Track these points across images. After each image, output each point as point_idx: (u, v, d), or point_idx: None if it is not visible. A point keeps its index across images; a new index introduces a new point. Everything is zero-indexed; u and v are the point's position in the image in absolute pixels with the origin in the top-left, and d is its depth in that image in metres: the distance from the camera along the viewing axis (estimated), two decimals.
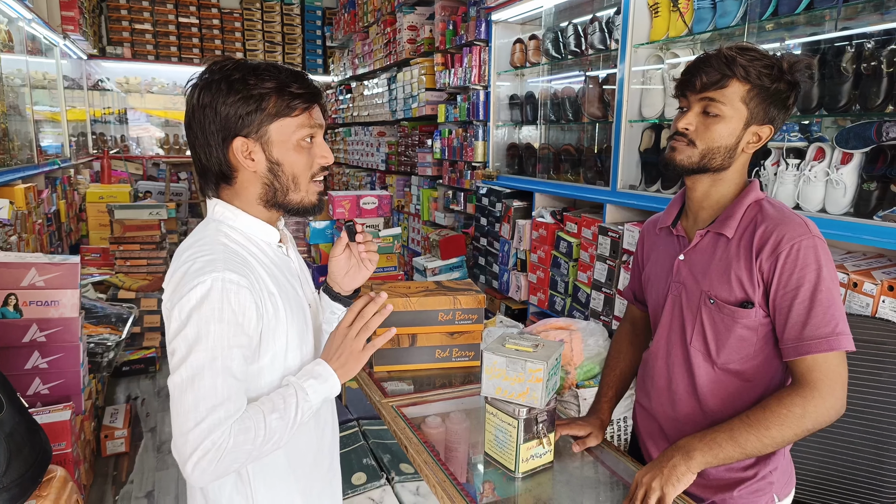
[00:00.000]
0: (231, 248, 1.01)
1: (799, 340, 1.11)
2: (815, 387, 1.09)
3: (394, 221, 5.43)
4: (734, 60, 1.13)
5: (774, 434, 1.09)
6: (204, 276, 0.93)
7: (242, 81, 0.99)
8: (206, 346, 0.92)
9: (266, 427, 0.94)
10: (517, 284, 3.25)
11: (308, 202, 1.08)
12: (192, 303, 0.92)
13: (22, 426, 1.56)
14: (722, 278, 1.19)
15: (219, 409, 0.90)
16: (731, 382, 1.22)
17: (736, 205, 1.21)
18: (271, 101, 1.00)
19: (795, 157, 1.90)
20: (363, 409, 2.26)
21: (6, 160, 3.83)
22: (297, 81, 1.02)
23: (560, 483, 1.28)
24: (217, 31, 7.89)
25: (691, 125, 1.18)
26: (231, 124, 1.00)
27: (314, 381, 0.99)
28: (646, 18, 2.42)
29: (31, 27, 4.52)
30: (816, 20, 1.92)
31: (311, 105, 1.04)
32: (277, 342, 1.02)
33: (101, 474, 2.76)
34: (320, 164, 1.07)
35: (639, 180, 2.53)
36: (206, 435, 0.89)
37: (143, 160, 7.76)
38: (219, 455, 0.90)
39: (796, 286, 1.11)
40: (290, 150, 1.04)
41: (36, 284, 2.36)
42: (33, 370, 2.36)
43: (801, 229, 1.12)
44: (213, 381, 0.91)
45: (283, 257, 1.12)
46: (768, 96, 1.14)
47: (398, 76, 5.25)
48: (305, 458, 1.13)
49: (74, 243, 5.11)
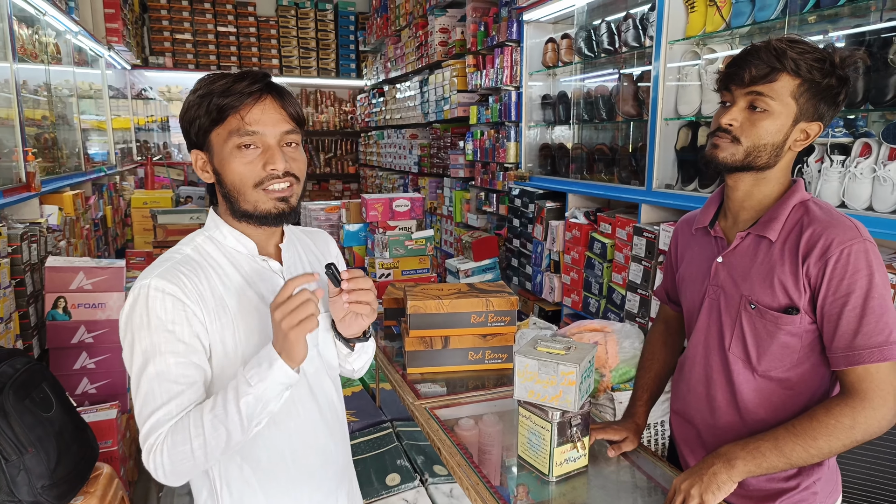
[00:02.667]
0: (187, 257, 1.01)
1: (850, 350, 1.06)
2: (865, 397, 1.04)
3: (426, 223, 5.45)
4: (784, 53, 1.08)
5: (822, 445, 1.05)
6: (136, 284, 0.96)
7: (197, 91, 0.99)
8: (139, 352, 0.94)
9: (203, 425, 0.91)
10: (550, 286, 3.22)
11: (261, 210, 1.00)
12: (125, 310, 0.96)
13: (70, 425, 1.62)
14: (764, 283, 1.14)
15: (157, 413, 0.93)
16: (774, 391, 1.17)
17: (780, 206, 1.16)
18: (203, 108, 0.98)
19: (840, 153, 1.84)
20: (396, 410, 2.27)
21: (55, 168, 3.99)
22: (237, 83, 0.96)
23: (595, 488, 1.26)
24: (254, 39, 8.06)
25: (736, 120, 1.13)
26: (188, 137, 1.02)
27: (256, 368, 0.91)
28: (681, 14, 2.38)
29: (77, 39, 4.71)
30: (861, 11, 1.85)
31: (240, 107, 0.97)
32: (227, 346, 0.99)
33: (145, 472, 2.84)
34: (265, 171, 0.99)
35: (675, 179, 2.48)
36: (146, 436, 0.94)
37: (185, 166, 7.98)
38: (161, 454, 0.92)
39: (847, 293, 1.06)
40: (226, 158, 0.99)
41: (84, 287, 2.45)
42: (81, 370, 2.46)
43: (851, 233, 1.07)
44: (149, 387, 0.94)
45: (261, 267, 1.07)
46: (819, 92, 1.09)
47: (430, 79, 5.27)
48: (280, 459, 1.06)
49: (120, 247, 5.29)
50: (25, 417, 1.49)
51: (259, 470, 1.05)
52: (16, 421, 1.47)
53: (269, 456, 1.05)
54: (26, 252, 2.41)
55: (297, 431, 1.08)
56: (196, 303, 0.96)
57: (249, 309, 1.02)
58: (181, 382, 0.94)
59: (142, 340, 0.94)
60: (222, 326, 0.99)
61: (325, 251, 1.23)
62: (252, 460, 1.05)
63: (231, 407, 0.91)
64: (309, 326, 0.91)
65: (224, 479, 1.05)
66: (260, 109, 0.98)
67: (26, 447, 1.47)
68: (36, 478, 1.47)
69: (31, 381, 1.57)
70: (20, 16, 3.43)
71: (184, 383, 0.95)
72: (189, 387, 0.95)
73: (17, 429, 1.47)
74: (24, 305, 2.34)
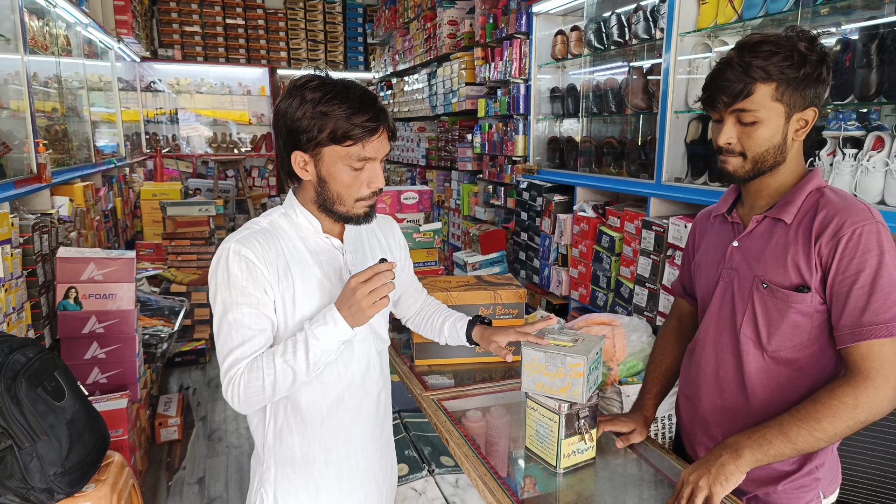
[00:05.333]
0: (263, 229, 1.17)
1: (856, 326, 1.07)
2: (868, 376, 1.05)
3: (434, 216, 5.45)
4: (750, 65, 1.09)
5: (826, 427, 1.05)
6: (220, 247, 1.13)
7: (312, 102, 1.09)
8: (220, 302, 1.12)
9: (275, 366, 1.08)
10: (558, 279, 3.22)
11: (353, 214, 1.18)
12: (212, 267, 1.14)
13: (82, 413, 1.64)
14: (777, 262, 1.15)
15: (234, 352, 1.10)
16: (781, 372, 1.18)
17: (796, 191, 1.17)
18: (328, 128, 1.09)
19: (853, 146, 1.82)
20: (404, 401, 2.28)
21: (66, 160, 4.01)
22: (359, 114, 1.09)
23: (602, 479, 1.26)
24: (262, 32, 8.07)
25: (732, 139, 1.15)
26: (294, 137, 1.13)
27: (323, 326, 1.09)
28: (693, 5, 2.36)
29: (87, 32, 4.72)
30: (874, 3, 1.83)
31: (364, 140, 1.10)
32: (286, 304, 1.15)
33: (155, 460, 2.88)
34: (369, 189, 1.15)
35: (685, 172, 2.46)
36: (227, 370, 1.11)
37: (193, 158, 8.01)
38: (238, 386, 1.09)
39: (856, 271, 1.06)
40: (338, 172, 1.13)
41: (95, 278, 2.47)
42: (92, 360, 2.48)
43: (863, 214, 1.08)
44: (227, 331, 1.11)
45: (324, 243, 1.21)
46: (799, 84, 1.10)
47: (438, 71, 5.26)
48: (317, 411, 1.21)
49: (130, 239, 5.32)
50: (38, 405, 1.51)
51: (298, 414, 1.20)
52: (28, 409, 1.49)
53: (308, 403, 1.20)
54: (38, 242, 2.43)
55: (334, 387, 1.21)
56: (265, 265, 1.12)
57: (309, 276, 1.17)
58: (253, 328, 1.11)
59: (222, 293, 1.11)
60: (285, 287, 1.14)
61: (388, 235, 1.39)
62: (294, 403, 1.20)
63: (300, 354, 1.08)
64: (383, 305, 1.09)
65: (272, 413, 1.21)
66: (378, 142, 1.13)
67: (39, 435, 1.49)
68: (48, 465, 1.49)
69: (43, 369, 1.59)
70: (31, 7, 3.44)
71: (256, 329, 1.11)
72: (260, 333, 1.12)
73: (30, 417, 1.49)
74: (35, 295, 2.36)
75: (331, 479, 1.23)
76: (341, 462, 1.24)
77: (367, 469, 1.28)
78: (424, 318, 1.53)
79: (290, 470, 1.21)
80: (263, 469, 1.23)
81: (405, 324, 1.58)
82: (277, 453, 1.21)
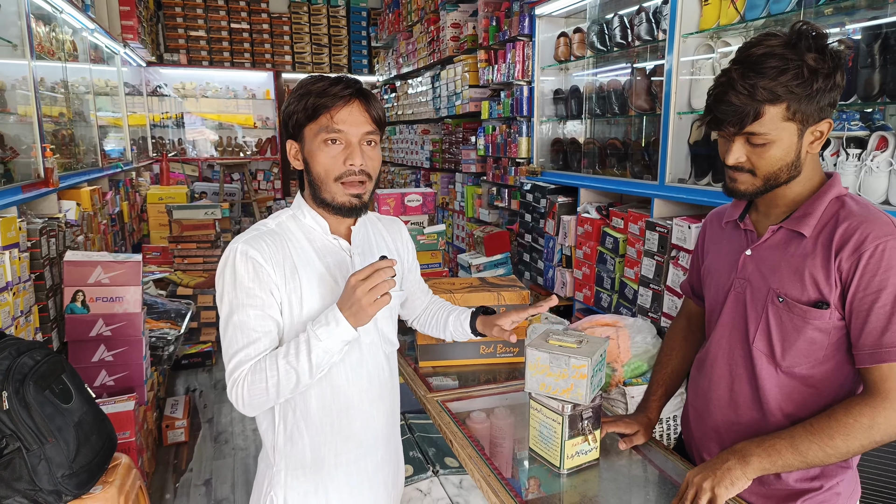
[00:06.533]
0: (271, 230, 1.18)
1: (877, 347, 1.03)
2: (887, 397, 1.02)
3: (438, 218, 5.46)
4: (755, 88, 1.01)
5: (839, 444, 1.03)
6: (228, 247, 1.14)
7: (294, 92, 1.16)
8: (226, 303, 1.12)
9: (278, 368, 1.08)
10: (562, 281, 3.22)
11: (337, 203, 1.16)
12: (219, 267, 1.15)
13: (90, 415, 1.65)
14: (794, 276, 1.10)
15: (238, 354, 1.11)
16: (796, 388, 1.14)
17: (815, 201, 1.11)
18: (301, 105, 1.13)
19: (856, 146, 1.82)
20: (408, 403, 2.28)
21: (73, 164, 4.04)
22: (332, 87, 1.12)
23: (606, 480, 1.26)
24: (266, 36, 8.11)
25: (741, 158, 1.09)
26: (287, 128, 1.19)
27: (325, 326, 1.08)
28: (695, 7, 2.36)
29: (93, 37, 4.76)
30: (878, 2, 1.83)
31: (332, 108, 1.12)
32: (293, 305, 1.15)
33: (162, 462, 2.89)
34: (345, 167, 1.14)
35: (688, 174, 2.46)
36: (231, 372, 1.11)
37: (199, 162, 8.06)
38: (242, 387, 1.10)
39: (878, 289, 1.02)
40: (315, 149, 1.14)
41: (102, 281, 2.49)
42: (100, 363, 2.50)
43: (887, 228, 1.03)
44: (233, 332, 1.12)
45: (331, 244, 1.22)
46: (811, 98, 1.03)
47: (442, 74, 5.27)
48: (326, 414, 1.21)
49: (137, 242, 5.36)
50: (46, 408, 1.53)
51: (308, 417, 1.20)
52: (36, 411, 1.50)
53: (317, 406, 1.20)
54: (45, 246, 2.45)
55: (344, 391, 1.21)
56: (272, 266, 1.12)
57: (316, 276, 1.18)
58: (258, 330, 1.11)
59: (228, 293, 1.12)
60: (292, 289, 1.15)
61: (396, 237, 1.39)
62: (303, 407, 1.20)
63: (303, 356, 1.08)
64: (384, 302, 1.06)
65: (282, 415, 1.21)
66: (348, 111, 1.13)
67: (47, 437, 1.50)
68: (56, 467, 1.50)
69: (51, 372, 1.60)
70: (38, 13, 3.48)
71: (261, 331, 1.12)
72: (265, 335, 1.12)
73: (38, 419, 1.50)
74: (43, 299, 2.38)
75: (340, 482, 1.23)
76: (351, 465, 1.24)
77: (377, 472, 1.29)
78: (429, 315, 1.53)
79: (300, 472, 1.21)
80: (273, 472, 1.23)
81: (410, 324, 1.58)
82: (288, 456, 1.21)
